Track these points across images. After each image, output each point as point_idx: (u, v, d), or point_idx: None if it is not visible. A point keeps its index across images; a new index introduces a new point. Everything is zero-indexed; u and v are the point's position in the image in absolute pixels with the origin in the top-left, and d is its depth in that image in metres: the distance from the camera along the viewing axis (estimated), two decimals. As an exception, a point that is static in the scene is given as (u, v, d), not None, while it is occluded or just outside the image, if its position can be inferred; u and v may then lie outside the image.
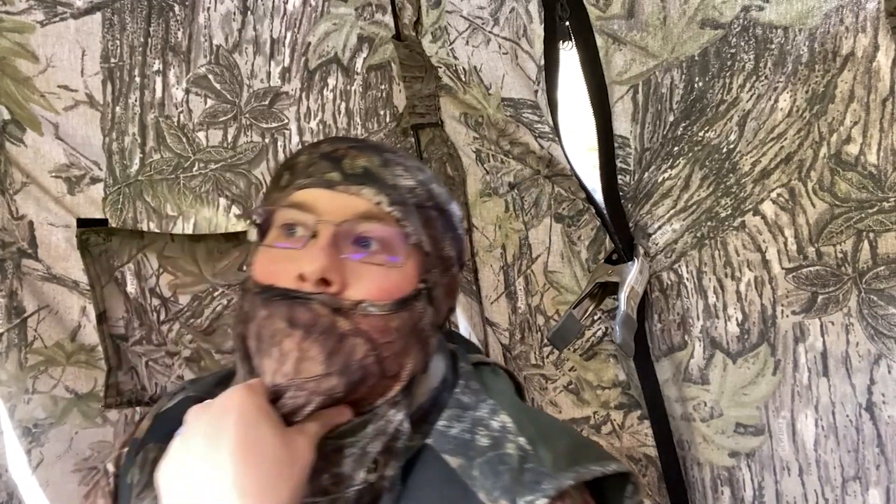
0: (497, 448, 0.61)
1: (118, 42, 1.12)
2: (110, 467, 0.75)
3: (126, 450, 0.75)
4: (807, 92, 0.92)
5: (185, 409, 0.71)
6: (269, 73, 1.22)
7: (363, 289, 0.60)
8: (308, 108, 1.25)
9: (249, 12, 1.19)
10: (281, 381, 0.58)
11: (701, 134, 1.01)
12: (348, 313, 0.60)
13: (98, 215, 1.14)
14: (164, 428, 0.72)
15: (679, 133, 1.03)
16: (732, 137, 0.99)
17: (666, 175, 1.05)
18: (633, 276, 1.06)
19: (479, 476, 0.59)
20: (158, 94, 1.16)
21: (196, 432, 0.55)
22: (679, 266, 1.06)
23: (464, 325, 1.32)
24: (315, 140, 1.25)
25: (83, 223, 1.12)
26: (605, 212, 1.11)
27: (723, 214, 1.01)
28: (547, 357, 1.22)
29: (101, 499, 0.75)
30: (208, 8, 1.16)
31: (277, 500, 0.52)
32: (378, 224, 0.62)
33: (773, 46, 0.93)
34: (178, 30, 1.15)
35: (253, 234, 0.68)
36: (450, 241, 0.70)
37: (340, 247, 0.61)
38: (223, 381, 0.76)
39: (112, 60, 1.12)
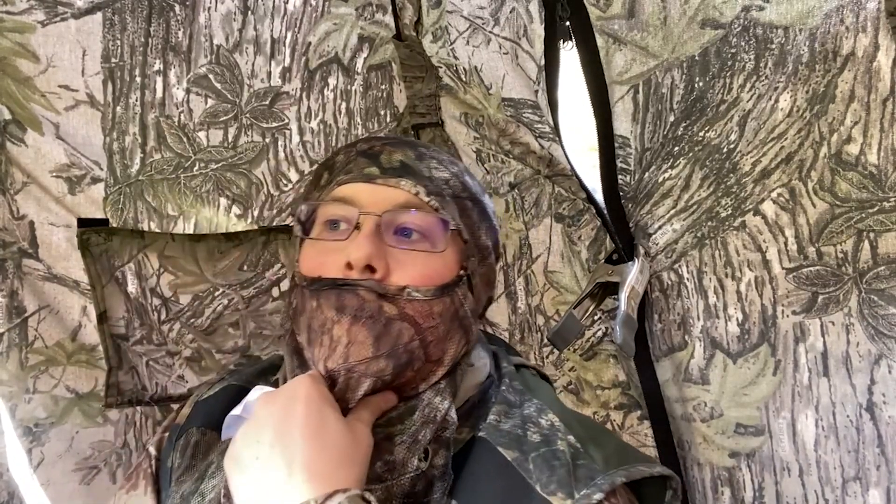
0: (548, 444, 0.62)
1: (119, 42, 1.12)
2: (152, 450, 0.77)
3: (167, 434, 0.77)
4: (807, 92, 0.92)
5: (225, 397, 0.74)
6: (269, 73, 1.22)
7: (407, 275, 0.63)
8: (308, 107, 1.25)
9: (250, 12, 1.19)
10: (333, 366, 0.60)
11: (701, 134, 1.01)
12: (394, 298, 0.62)
13: (99, 215, 1.14)
14: (205, 414, 0.75)
15: (679, 133, 1.03)
16: (733, 137, 0.99)
17: (666, 175, 1.05)
18: (633, 276, 1.06)
19: (535, 469, 0.60)
20: (159, 93, 1.16)
21: (265, 419, 0.57)
22: (679, 266, 1.06)
23: (464, 324, 1.32)
24: (315, 140, 1.26)
25: (84, 223, 1.12)
26: (605, 212, 1.11)
27: (723, 214, 1.01)
28: (547, 357, 1.22)
29: (143, 480, 0.76)
30: (209, 8, 1.16)
31: (345, 483, 0.53)
32: (418, 213, 0.64)
33: (774, 46, 0.93)
34: (179, 30, 1.15)
35: (297, 231, 0.69)
36: (486, 231, 0.72)
37: (383, 236, 0.64)
38: (264, 372, 0.79)
39: (113, 60, 1.12)
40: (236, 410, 0.70)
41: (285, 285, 1.23)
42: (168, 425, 0.78)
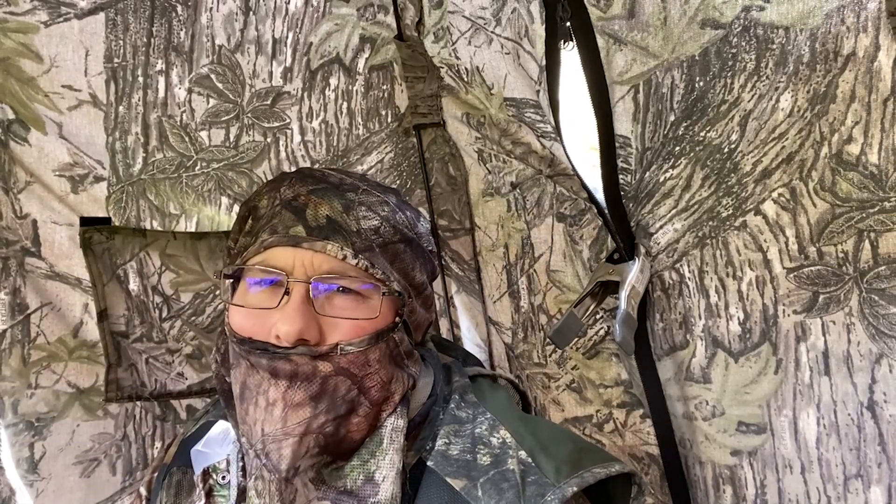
0: (498, 465, 0.62)
1: (121, 42, 1.13)
2: (143, 491, 0.79)
3: (156, 474, 0.79)
4: (808, 92, 0.92)
5: (204, 434, 0.75)
6: (270, 73, 1.22)
7: (338, 333, 0.63)
8: (310, 107, 1.25)
9: (251, 12, 1.19)
10: (270, 430, 0.61)
11: (702, 134, 1.01)
12: (327, 356, 0.62)
13: (101, 214, 1.15)
14: (186, 453, 0.75)
15: (680, 133, 1.03)
16: (734, 137, 0.99)
17: (667, 175, 1.05)
18: (633, 275, 1.06)
19: (483, 496, 0.60)
20: (161, 93, 1.16)
21: None
22: (681, 265, 1.06)
23: (466, 324, 1.32)
24: (316, 140, 1.26)
25: (86, 221, 1.13)
26: (606, 211, 1.11)
27: (724, 214, 1.01)
28: (550, 356, 1.22)
29: None
30: (211, 8, 1.17)
31: None
32: (346, 280, 0.64)
33: (775, 46, 0.93)
34: (181, 30, 1.16)
35: (226, 286, 0.69)
36: (420, 266, 0.71)
37: (315, 300, 0.63)
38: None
39: (115, 60, 1.13)
40: (199, 445, 0.72)
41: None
42: (157, 465, 0.80)
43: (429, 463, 0.64)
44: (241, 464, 0.69)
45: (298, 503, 0.62)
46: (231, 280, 0.68)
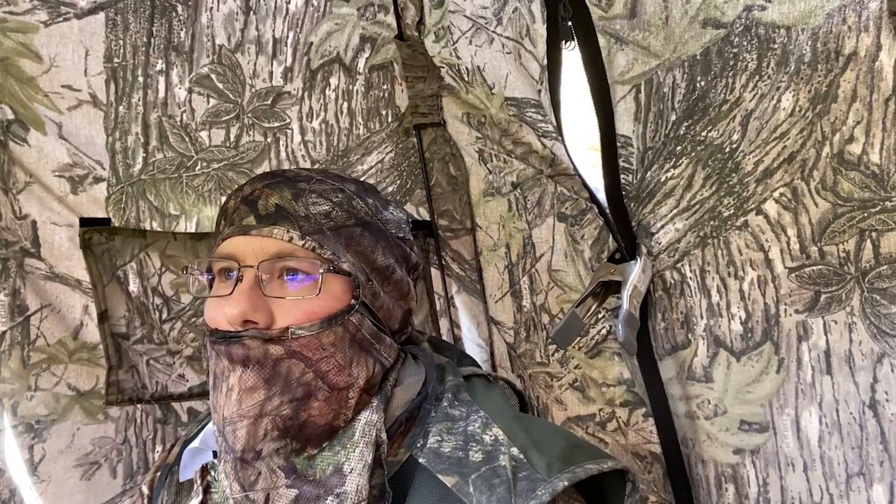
0: (490, 462, 0.62)
1: (121, 42, 1.12)
2: (145, 489, 0.80)
3: (159, 474, 0.81)
4: (809, 91, 0.92)
5: (209, 433, 0.76)
6: (271, 73, 1.22)
7: (289, 316, 0.65)
8: (310, 107, 1.25)
9: (252, 12, 1.19)
10: (228, 414, 0.64)
11: (704, 133, 1.01)
12: (279, 340, 0.65)
13: (101, 214, 1.14)
14: None
15: (682, 132, 1.03)
16: (735, 137, 0.99)
17: (669, 174, 1.05)
18: (635, 274, 1.06)
19: (475, 492, 0.61)
20: (161, 93, 1.16)
21: None
22: (682, 265, 1.06)
23: (466, 324, 1.32)
24: (317, 140, 1.26)
25: (86, 222, 1.12)
26: (607, 211, 1.11)
27: (726, 214, 1.01)
28: (552, 355, 1.22)
29: None
30: (211, 8, 1.17)
31: None
32: (293, 260, 0.66)
33: (776, 46, 0.93)
34: (181, 30, 1.16)
35: (195, 281, 0.73)
36: (383, 250, 0.72)
37: (265, 285, 0.66)
38: None
39: (115, 60, 1.12)
40: (195, 442, 0.73)
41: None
42: (159, 465, 0.82)
43: (420, 460, 0.65)
44: None
45: (261, 486, 0.64)
46: (210, 276, 0.72)
